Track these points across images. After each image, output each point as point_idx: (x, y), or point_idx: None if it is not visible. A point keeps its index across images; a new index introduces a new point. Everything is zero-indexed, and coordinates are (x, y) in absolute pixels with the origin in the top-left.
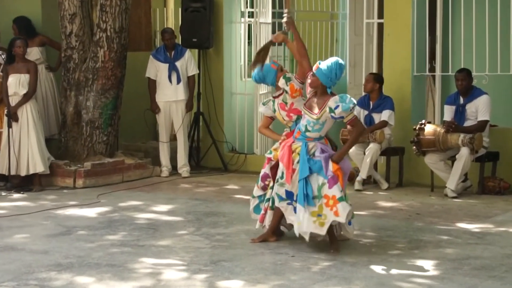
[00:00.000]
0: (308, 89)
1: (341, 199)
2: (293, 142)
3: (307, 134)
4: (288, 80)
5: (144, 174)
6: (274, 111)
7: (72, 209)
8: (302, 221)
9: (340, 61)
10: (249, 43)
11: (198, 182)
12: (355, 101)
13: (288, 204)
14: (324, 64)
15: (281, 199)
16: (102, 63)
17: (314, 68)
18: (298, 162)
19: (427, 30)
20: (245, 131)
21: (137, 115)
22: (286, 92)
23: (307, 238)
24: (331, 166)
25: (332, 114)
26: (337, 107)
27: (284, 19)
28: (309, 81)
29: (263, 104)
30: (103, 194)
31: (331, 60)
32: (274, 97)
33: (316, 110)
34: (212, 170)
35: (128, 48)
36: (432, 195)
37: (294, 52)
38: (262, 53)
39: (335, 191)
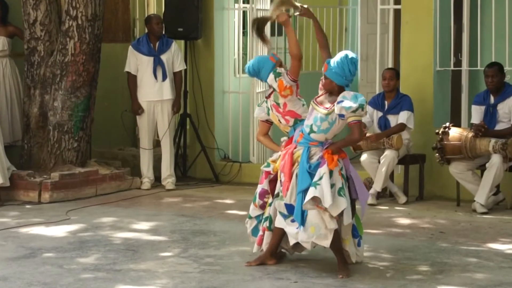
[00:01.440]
0: (321, 84)
1: (340, 194)
2: (295, 147)
3: (312, 136)
4: (277, 75)
5: (121, 187)
6: (268, 113)
7: (37, 227)
8: (302, 239)
9: (350, 54)
10: (244, 33)
11: (185, 196)
12: (364, 103)
13: (293, 221)
14: (333, 62)
15: (284, 216)
16: (72, 57)
17: (323, 69)
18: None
19: (452, 17)
20: (239, 136)
21: (113, 117)
22: (274, 89)
23: (309, 246)
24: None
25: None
26: (341, 101)
27: (296, 13)
28: (320, 85)
29: (258, 105)
30: (74, 210)
31: (339, 56)
32: (267, 97)
33: (327, 105)
34: (201, 182)
35: (102, 38)
36: (458, 211)
37: (291, 42)
38: (259, 23)
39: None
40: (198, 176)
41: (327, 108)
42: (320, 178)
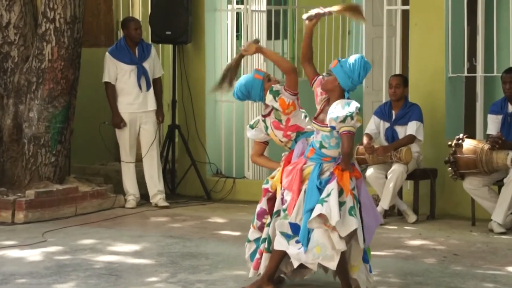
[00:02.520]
0: (318, 97)
1: (351, 213)
2: (305, 163)
3: (324, 151)
4: (276, 94)
5: (103, 205)
6: (267, 133)
7: (10, 250)
8: (306, 260)
9: (365, 59)
10: (238, 37)
11: (173, 215)
12: (352, 112)
13: (298, 242)
14: (345, 61)
15: (287, 237)
16: (50, 63)
17: (332, 65)
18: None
19: (466, 18)
20: (233, 149)
21: (94, 129)
22: (276, 109)
23: (315, 267)
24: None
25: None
26: (331, 112)
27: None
28: (318, 89)
29: (251, 127)
30: (51, 231)
31: (354, 57)
32: (264, 116)
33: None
34: (191, 199)
35: (82, 43)
36: (473, 231)
37: (276, 61)
38: (230, 71)
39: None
40: (188, 193)
41: (327, 125)
42: (328, 195)
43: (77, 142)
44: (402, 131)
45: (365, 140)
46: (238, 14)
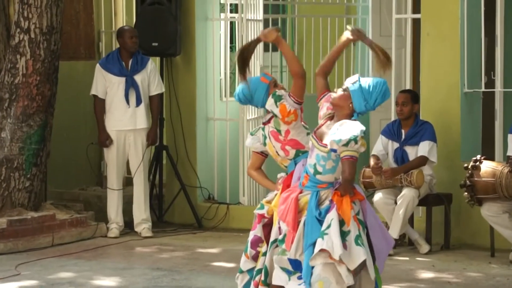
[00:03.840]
0: (321, 111)
1: (357, 243)
2: (301, 192)
3: (318, 177)
4: (278, 99)
5: (83, 234)
6: (265, 143)
7: None
8: None
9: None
10: (232, 49)
11: (161, 245)
12: (357, 135)
13: (300, 277)
14: (365, 81)
15: (289, 272)
16: (24, 77)
17: (351, 80)
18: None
19: (483, 28)
20: (226, 172)
21: (74, 151)
22: (276, 115)
23: None
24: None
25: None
26: (333, 133)
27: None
28: (326, 104)
29: (251, 134)
30: (25, 263)
31: (376, 80)
32: (264, 124)
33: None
34: (180, 228)
35: (60, 55)
36: (492, 262)
37: (289, 59)
38: (245, 53)
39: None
40: (177, 221)
41: (326, 145)
42: (329, 226)
43: (55, 165)
44: (412, 152)
45: (372, 162)
46: (232, 24)
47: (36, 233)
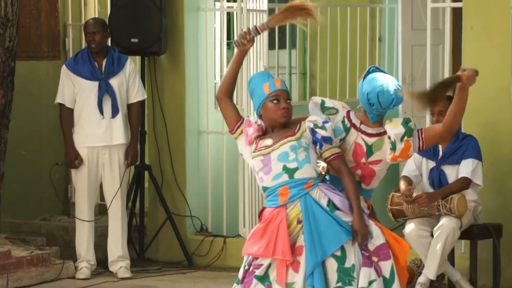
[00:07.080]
0: (248, 138)
1: None
2: (286, 208)
3: (298, 176)
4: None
5: (46, 275)
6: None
7: None
8: None
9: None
10: (229, 46)
11: (142, 287)
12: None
13: None
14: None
15: None
16: None
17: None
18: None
19: None
20: (223, 198)
21: (34, 172)
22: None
23: None
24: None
25: (317, 130)
26: (326, 121)
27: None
28: (249, 129)
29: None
30: None
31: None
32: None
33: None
34: (166, 266)
35: (17, 54)
36: None
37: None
38: (441, 89)
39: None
40: (162, 258)
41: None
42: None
43: (10, 190)
44: (453, 173)
45: (402, 185)
46: (229, 15)
47: None
